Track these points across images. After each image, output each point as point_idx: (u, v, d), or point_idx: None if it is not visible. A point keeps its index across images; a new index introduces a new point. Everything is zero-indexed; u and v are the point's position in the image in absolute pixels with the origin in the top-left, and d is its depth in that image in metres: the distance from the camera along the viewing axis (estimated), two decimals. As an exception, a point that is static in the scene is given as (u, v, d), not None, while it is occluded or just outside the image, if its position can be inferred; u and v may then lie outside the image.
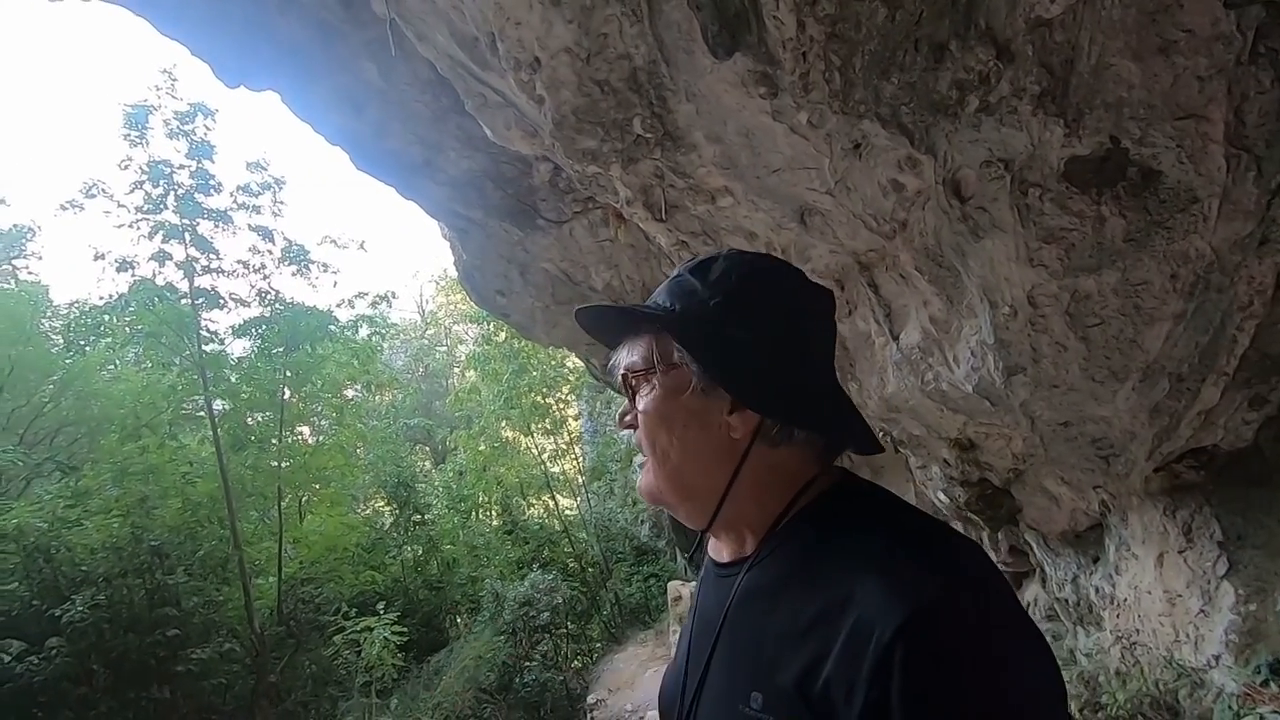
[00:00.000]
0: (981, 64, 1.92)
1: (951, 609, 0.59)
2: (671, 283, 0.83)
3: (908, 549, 0.67)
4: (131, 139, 9.94)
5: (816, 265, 3.13)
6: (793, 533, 0.75)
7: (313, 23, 3.75)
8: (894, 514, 0.74)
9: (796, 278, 0.83)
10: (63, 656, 7.01)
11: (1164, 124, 1.98)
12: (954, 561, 0.66)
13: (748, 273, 0.80)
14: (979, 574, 0.66)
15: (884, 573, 0.63)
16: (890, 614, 0.58)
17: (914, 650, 0.57)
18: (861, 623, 0.60)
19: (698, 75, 2.24)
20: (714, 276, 0.80)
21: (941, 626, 0.58)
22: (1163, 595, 3.19)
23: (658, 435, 0.80)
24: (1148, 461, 2.95)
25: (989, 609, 0.62)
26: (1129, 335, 2.42)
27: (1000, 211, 2.26)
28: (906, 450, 4.10)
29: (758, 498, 0.77)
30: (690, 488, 0.80)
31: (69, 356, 10.99)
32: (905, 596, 0.59)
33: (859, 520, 0.73)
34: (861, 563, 0.65)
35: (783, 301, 0.80)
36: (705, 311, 0.78)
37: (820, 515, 0.75)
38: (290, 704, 8.91)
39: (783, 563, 0.74)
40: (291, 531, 10.77)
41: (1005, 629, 0.62)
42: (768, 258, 0.85)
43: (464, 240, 5.57)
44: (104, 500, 8.55)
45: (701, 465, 0.78)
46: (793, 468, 0.77)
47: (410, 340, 23.96)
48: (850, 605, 0.62)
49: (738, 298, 0.78)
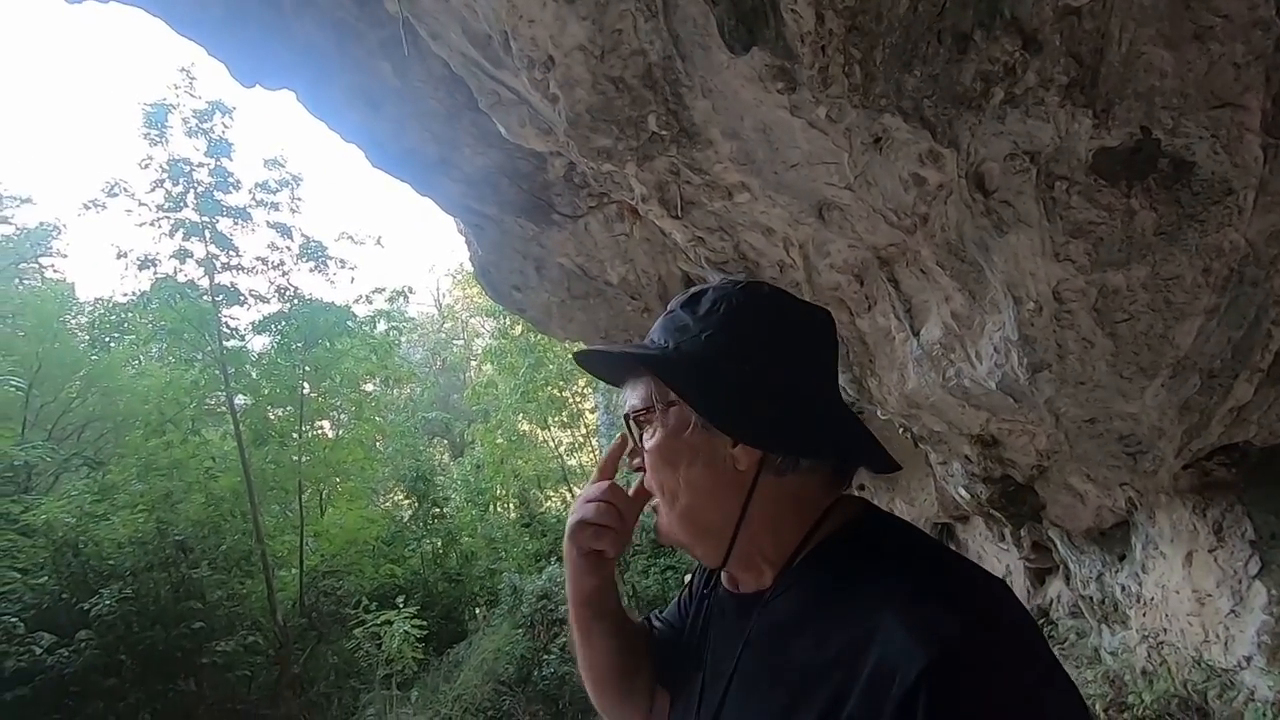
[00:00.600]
0: (1007, 54, 1.87)
1: (976, 652, 0.57)
2: (665, 319, 0.82)
3: (931, 587, 0.65)
4: (151, 138, 10.08)
5: (835, 260, 3.08)
6: (813, 566, 0.74)
7: (327, 22, 3.75)
8: (917, 549, 0.72)
9: (788, 302, 0.81)
10: (92, 649, 7.18)
11: (1198, 113, 1.91)
12: (979, 602, 0.64)
13: (738, 303, 0.79)
14: (1005, 615, 0.64)
15: (907, 612, 0.61)
16: (913, 656, 0.57)
17: (938, 695, 0.55)
18: (884, 664, 0.58)
19: (714, 71, 2.20)
20: (704, 310, 0.79)
21: (966, 670, 0.56)
22: (1191, 594, 3.13)
23: (664, 476, 0.79)
24: (1177, 459, 2.88)
25: (1015, 652, 0.60)
26: (1159, 331, 2.36)
27: (1025, 205, 2.20)
28: (927, 446, 4.05)
29: (772, 529, 0.76)
30: (702, 526, 0.79)
31: (94, 353, 11.20)
32: (929, 638, 0.57)
33: (881, 554, 0.71)
34: (884, 600, 0.63)
35: (776, 329, 0.78)
36: (697, 347, 0.77)
37: (841, 548, 0.73)
38: (313, 695, 9.06)
39: (803, 597, 0.72)
40: (312, 525, 10.92)
41: (1032, 673, 0.60)
42: (759, 285, 0.83)
43: (479, 236, 5.57)
44: (130, 495, 8.72)
45: (710, 501, 0.77)
46: (805, 496, 0.76)
47: (427, 335, 24.11)
48: (872, 644, 0.60)
49: (729, 330, 0.77)
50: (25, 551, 7.51)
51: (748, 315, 0.78)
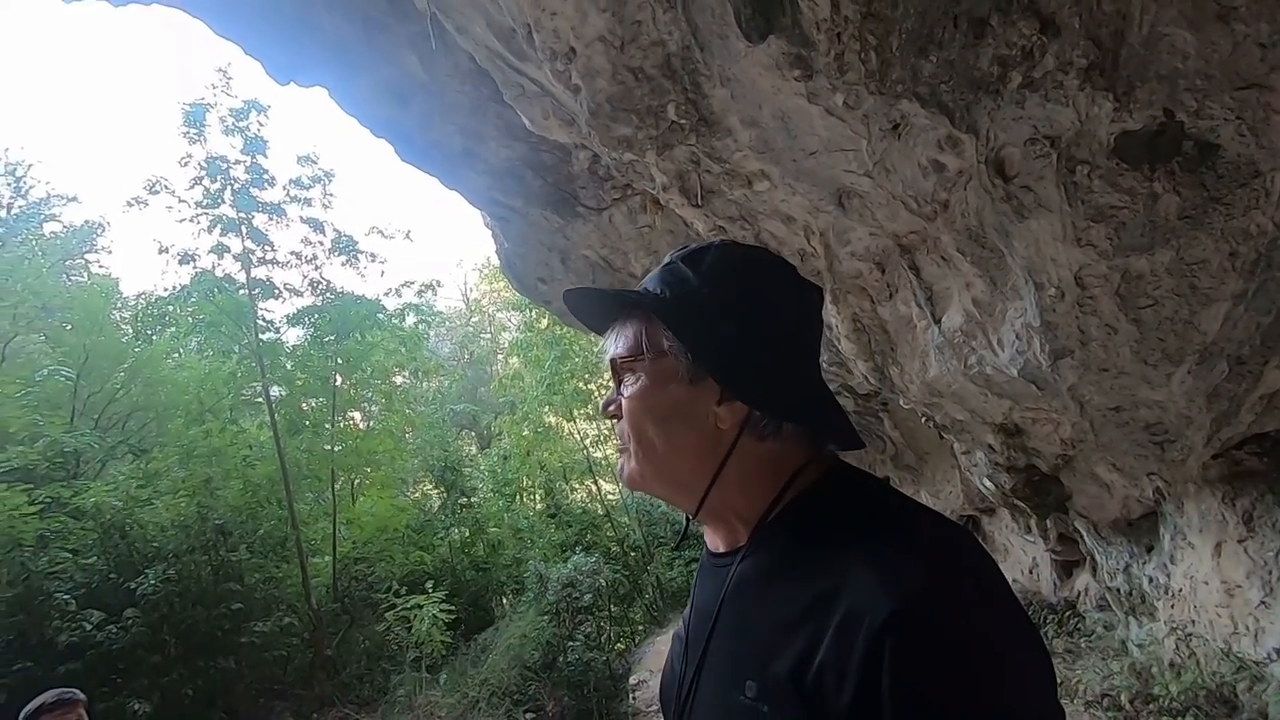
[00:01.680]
0: (1025, 38, 1.87)
1: (940, 597, 0.60)
2: (663, 270, 0.82)
3: (897, 538, 0.67)
4: (190, 136, 10.36)
5: (856, 248, 3.09)
6: (785, 523, 0.75)
7: (358, 18, 3.85)
8: (885, 503, 0.74)
9: (789, 272, 0.82)
10: (138, 626, 7.47)
11: (1222, 95, 1.89)
12: (943, 550, 0.66)
13: (741, 264, 0.80)
14: (969, 562, 0.66)
15: (873, 562, 0.63)
16: (879, 603, 0.59)
17: (903, 639, 0.57)
18: (851, 612, 0.60)
19: (732, 60, 2.23)
20: (706, 266, 0.79)
21: (930, 615, 0.58)
22: (1220, 585, 3.08)
23: (644, 424, 0.79)
24: (1205, 447, 2.84)
25: (978, 596, 0.62)
26: (1184, 316, 2.33)
27: (1046, 190, 2.20)
28: (950, 436, 4.03)
29: (745, 488, 0.77)
30: (675, 478, 0.79)
31: (138, 345, 11.58)
32: (894, 585, 0.60)
33: (850, 509, 0.73)
34: (852, 552, 0.65)
35: (775, 295, 0.79)
36: (697, 300, 0.77)
37: (812, 505, 0.75)
38: (345, 676, 9.30)
39: (775, 553, 0.74)
40: (345, 513, 11.18)
41: (995, 617, 0.62)
42: (761, 250, 0.84)
43: (505, 229, 5.66)
44: (172, 481, 9.02)
45: (687, 456, 0.77)
46: (780, 460, 0.77)
47: (455, 328, 24.42)
48: (841, 595, 0.62)
49: (730, 289, 0.77)
50: (75, 533, 7.84)
51: (750, 277, 0.79)
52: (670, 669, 0.88)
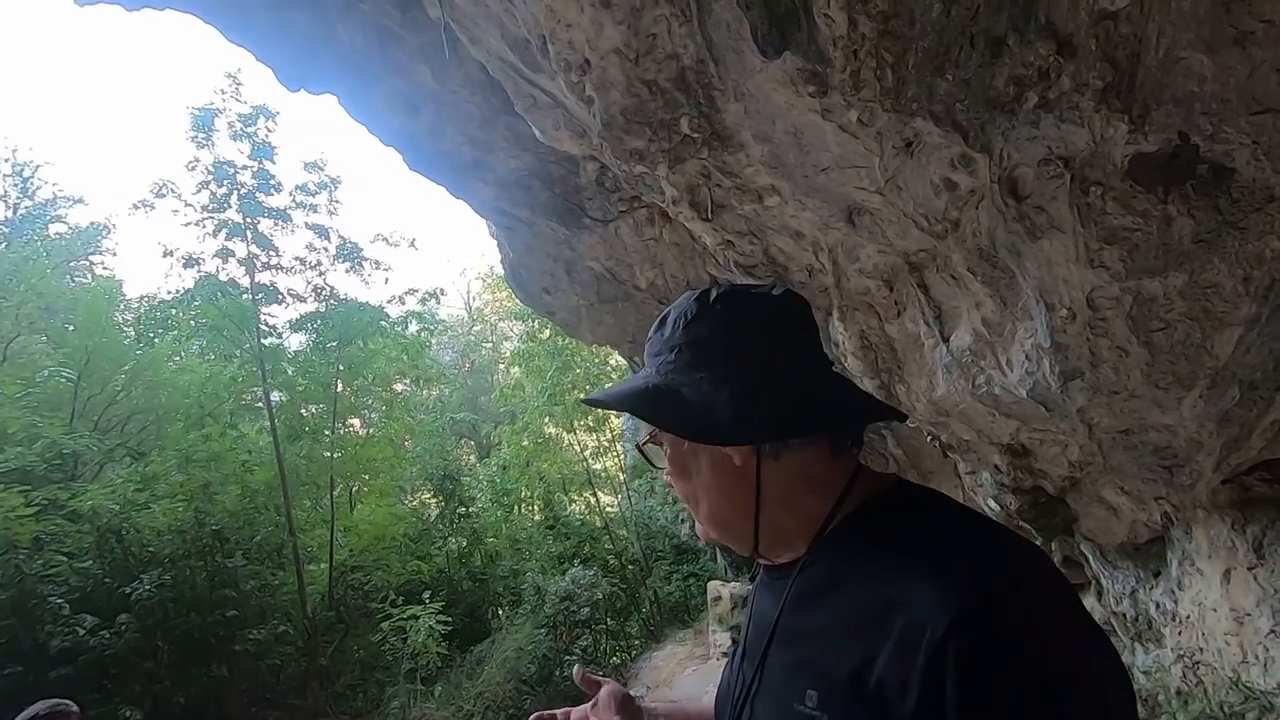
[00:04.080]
0: (1041, 59, 1.86)
1: (1003, 606, 0.59)
2: (647, 346, 0.89)
3: (959, 548, 0.67)
4: (198, 140, 10.44)
5: (865, 265, 3.08)
6: (844, 535, 0.76)
7: (372, 28, 3.87)
8: (947, 514, 0.74)
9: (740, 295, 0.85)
10: (132, 632, 7.43)
11: (1238, 119, 1.89)
12: (1007, 559, 0.66)
13: (695, 313, 0.83)
14: (1033, 571, 0.65)
15: (935, 571, 0.63)
16: (942, 612, 0.59)
17: (966, 647, 0.57)
18: (914, 620, 0.60)
19: (746, 74, 2.23)
20: (667, 331, 0.85)
21: (993, 623, 0.58)
22: (1229, 613, 3.04)
23: (683, 486, 0.85)
24: (1215, 473, 2.81)
25: (1043, 605, 0.62)
26: (1196, 340, 2.32)
27: (1059, 211, 2.19)
28: (956, 456, 4.00)
29: (792, 508, 0.79)
30: (726, 522, 0.83)
31: (140, 348, 11.59)
32: (957, 594, 0.60)
33: (911, 520, 0.74)
34: (913, 561, 0.66)
35: (730, 325, 0.82)
36: (669, 369, 0.82)
37: (872, 516, 0.76)
38: (339, 687, 9.22)
39: (835, 563, 0.75)
40: (342, 520, 11.14)
41: (1061, 625, 0.61)
42: (712, 289, 0.87)
43: (511, 239, 5.67)
44: (170, 485, 9.00)
45: (725, 499, 0.82)
46: (812, 470, 0.79)
47: (457, 336, 24.45)
48: (902, 603, 0.62)
49: (690, 342, 0.82)
50: (71, 536, 7.81)
51: (702, 322, 0.82)
52: (725, 684, 0.91)
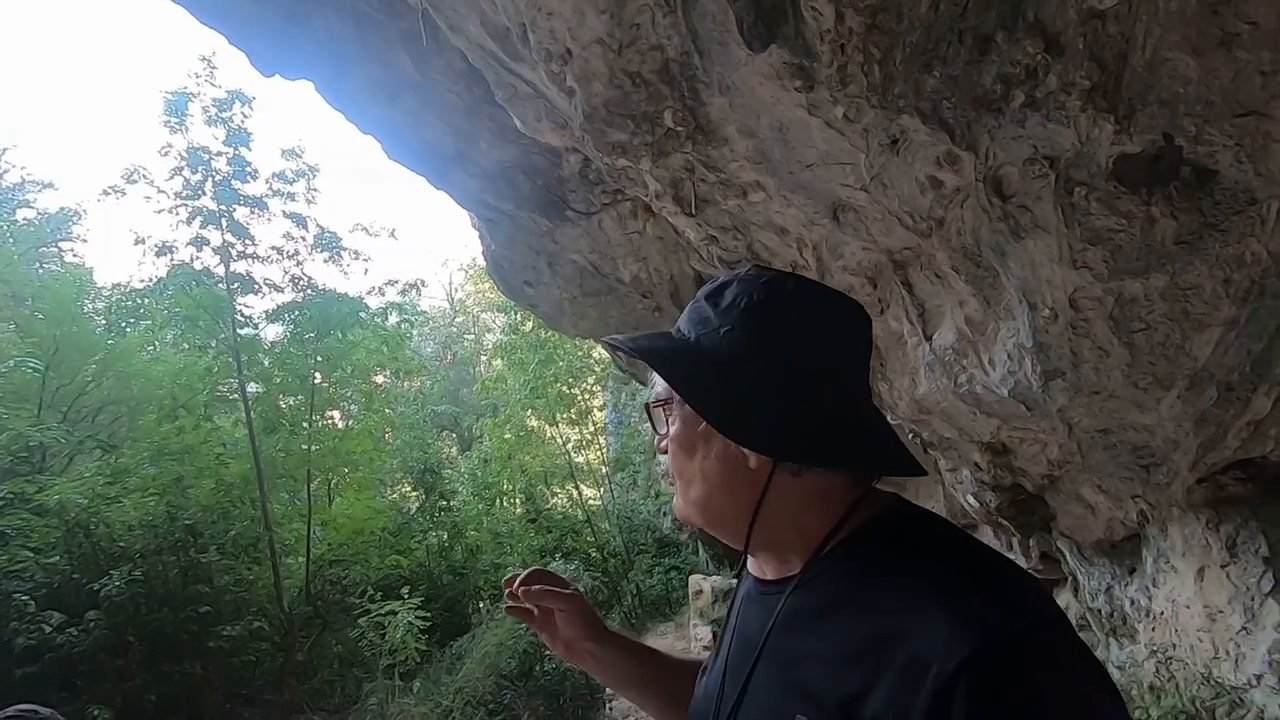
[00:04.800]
0: (1029, 57, 1.85)
1: (1016, 645, 0.57)
2: (692, 308, 0.81)
3: (968, 581, 0.64)
4: (172, 125, 10.17)
5: (849, 263, 3.07)
6: (841, 556, 0.72)
7: (348, 12, 3.78)
8: (952, 542, 0.71)
9: (815, 298, 0.78)
10: (101, 629, 7.27)
11: (1222, 121, 1.89)
12: (1016, 596, 0.64)
13: (759, 299, 0.75)
14: (1042, 609, 0.63)
15: (943, 604, 0.60)
16: (951, 648, 0.56)
17: (977, 686, 0.54)
18: (919, 654, 0.58)
19: (731, 67, 2.19)
20: (725, 303, 0.77)
21: (1006, 663, 0.56)
22: (1202, 610, 3.09)
23: (683, 463, 0.80)
24: (1191, 472, 2.84)
25: (1054, 646, 0.60)
26: (1176, 341, 2.33)
27: (1043, 211, 2.18)
28: (936, 453, 4.02)
29: (793, 523, 0.74)
30: (718, 515, 0.79)
31: (110, 338, 11.32)
32: (967, 631, 0.57)
33: (915, 546, 0.70)
34: (919, 592, 0.63)
35: (799, 327, 0.75)
36: (714, 344, 0.75)
37: (873, 538, 0.72)
38: (316, 683, 9.12)
39: (833, 585, 0.71)
40: (320, 514, 10.99)
41: (1070, 667, 0.59)
42: (788, 277, 0.79)
43: (493, 231, 5.60)
44: (141, 478, 8.81)
45: (725, 494, 0.77)
46: (828, 492, 0.74)
47: (439, 328, 24.23)
48: (907, 634, 0.60)
49: (746, 328, 0.74)
50: (38, 531, 7.60)
51: (767, 313, 0.75)
52: (701, 698, 0.86)
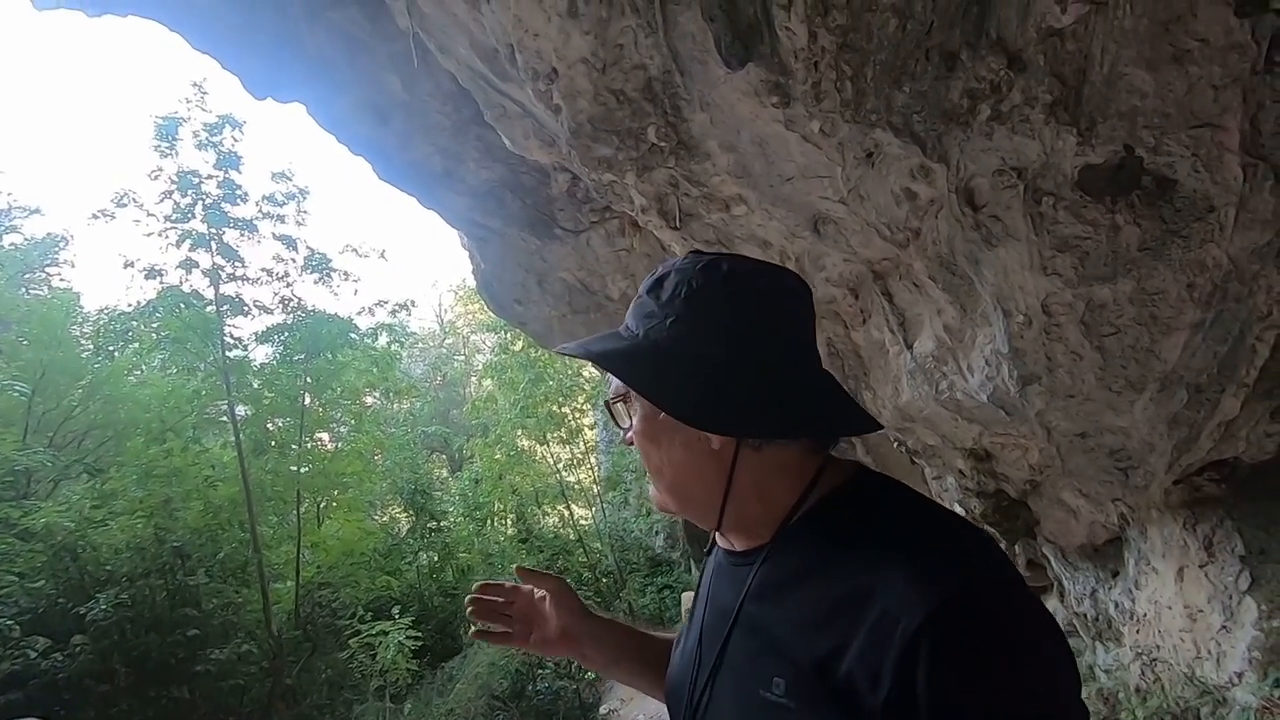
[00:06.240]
0: (993, 73, 1.94)
1: (977, 600, 0.60)
2: (635, 304, 0.83)
3: (930, 541, 0.67)
4: (162, 150, 10.21)
5: (830, 274, 3.14)
6: (809, 524, 0.75)
7: (340, 36, 3.86)
8: (913, 506, 0.74)
9: (752, 276, 0.79)
10: (86, 654, 7.15)
11: (1179, 133, 1.98)
12: (976, 554, 0.67)
13: (698, 285, 0.77)
14: (1000, 566, 0.67)
15: (908, 563, 0.63)
16: (916, 605, 0.59)
17: (940, 640, 0.58)
18: (886, 612, 0.61)
19: (711, 85, 2.28)
20: (666, 295, 0.79)
21: (968, 617, 0.59)
22: (1183, 610, 3.14)
23: (650, 454, 0.81)
24: (1167, 474, 2.91)
25: (1012, 600, 0.63)
26: (1145, 345, 2.41)
27: (1013, 220, 2.27)
28: (922, 460, 4.08)
29: (761, 496, 0.77)
30: (690, 500, 0.81)
31: (98, 361, 11.24)
32: (931, 588, 0.60)
33: (879, 512, 0.73)
34: (884, 553, 0.66)
35: (738, 308, 0.77)
36: (661, 335, 0.77)
37: (838, 507, 0.75)
38: (305, 707, 8.97)
39: (802, 553, 0.74)
40: (310, 536, 10.88)
41: (1028, 620, 0.63)
42: (723, 258, 0.81)
43: (482, 249, 5.65)
44: (129, 501, 8.70)
45: (694, 477, 0.79)
46: (790, 463, 0.77)
47: (429, 349, 24.21)
48: (873, 594, 0.63)
49: (690, 316, 0.76)
50: (23, 556, 7.50)
51: (708, 296, 0.77)
52: (679, 666, 0.88)
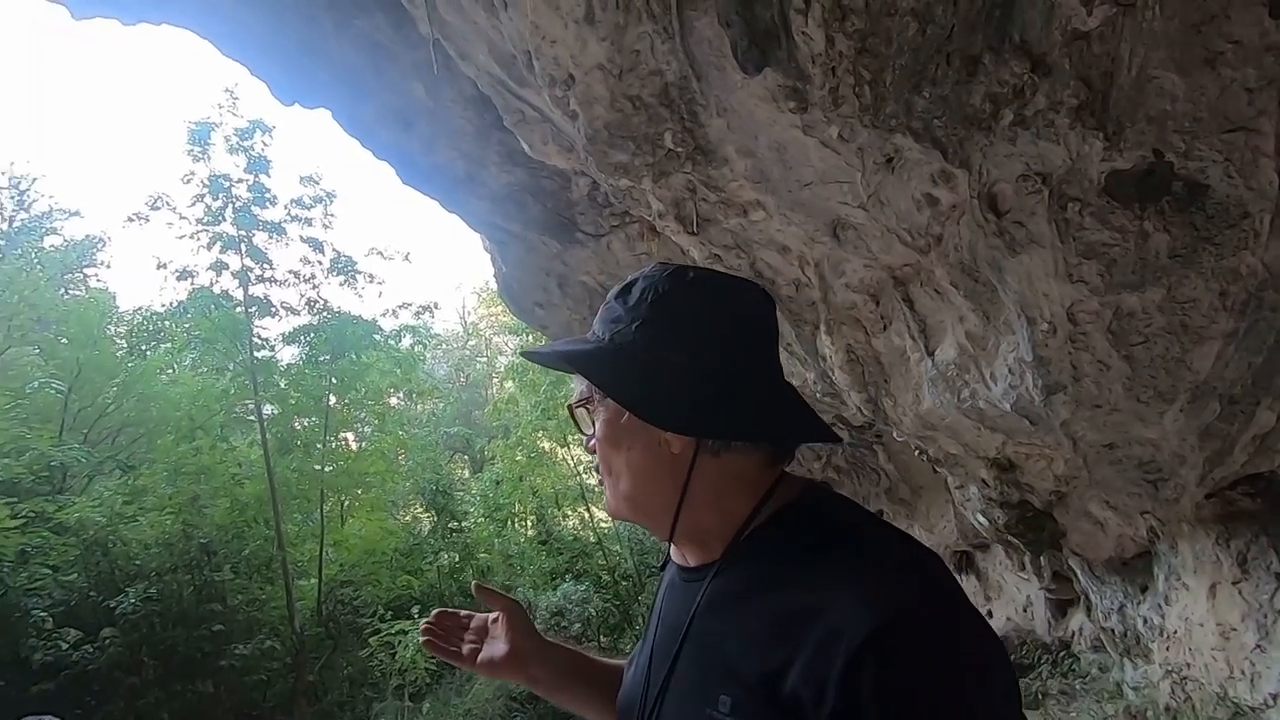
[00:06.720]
0: (1016, 77, 1.90)
1: (919, 616, 0.61)
2: (603, 309, 0.85)
3: (874, 558, 0.69)
4: (194, 154, 10.46)
5: (850, 279, 3.10)
6: (760, 540, 0.76)
7: (365, 44, 3.92)
8: (859, 523, 0.75)
9: (718, 284, 0.83)
10: (116, 646, 7.32)
11: (1211, 137, 1.92)
12: (919, 571, 0.68)
13: (665, 290, 0.80)
14: (943, 583, 0.67)
15: (854, 580, 0.64)
16: (859, 621, 0.60)
17: (884, 656, 0.58)
18: (831, 628, 0.61)
19: (728, 90, 2.26)
20: (634, 300, 0.81)
21: (911, 633, 0.60)
22: (1216, 628, 3.04)
23: (610, 458, 0.83)
24: (1199, 487, 2.83)
25: (954, 616, 0.64)
26: (1176, 354, 2.34)
27: (1038, 226, 2.22)
28: (944, 469, 4.01)
29: (716, 506, 0.78)
30: (645, 505, 0.82)
31: (131, 360, 11.54)
32: (874, 604, 0.61)
33: (827, 529, 0.74)
34: (828, 569, 0.67)
35: (705, 313, 0.79)
36: (627, 339, 0.79)
37: (788, 523, 0.75)
38: (327, 703, 9.09)
39: (751, 569, 0.74)
40: (333, 534, 11.03)
41: (971, 637, 0.64)
42: (689, 269, 0.84)
43: (504, 253, 5.69)
44: (159, 498, 8.91)
45: (651, 483, 0.79)
46: (747, 474, 0.78)
47: (451, 350, 24.41)
48: (818, 611, 0.63)
49: (657, 318, 0.78)
50: (57, 549, 7.72)
51: (674, 303, 0.79)
52: (629, 687, 0.89)
